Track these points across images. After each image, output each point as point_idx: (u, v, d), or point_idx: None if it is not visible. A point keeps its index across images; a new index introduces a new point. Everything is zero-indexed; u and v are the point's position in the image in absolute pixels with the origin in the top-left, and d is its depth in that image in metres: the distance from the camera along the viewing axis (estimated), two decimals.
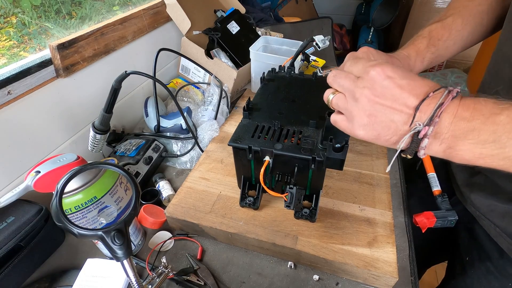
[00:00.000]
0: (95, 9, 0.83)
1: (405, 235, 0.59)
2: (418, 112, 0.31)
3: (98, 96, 0.76)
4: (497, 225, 0.52)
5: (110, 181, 0.49)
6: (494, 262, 0.54)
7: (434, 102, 0.30)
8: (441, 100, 0.30)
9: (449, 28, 0.52)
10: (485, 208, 0.54)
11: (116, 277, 0.49)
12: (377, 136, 0.34)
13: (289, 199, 0.53)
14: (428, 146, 0.32)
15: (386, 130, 0.33)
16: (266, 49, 1.00)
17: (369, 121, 0.34)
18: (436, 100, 0.30)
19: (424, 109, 0.31)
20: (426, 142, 0.31)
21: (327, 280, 0.52)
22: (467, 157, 0.31)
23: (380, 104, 0.32)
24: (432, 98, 0.31)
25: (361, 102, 0.34)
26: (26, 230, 0.52)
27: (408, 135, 0.32)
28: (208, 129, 0.78)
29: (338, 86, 0.37)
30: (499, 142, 0.28)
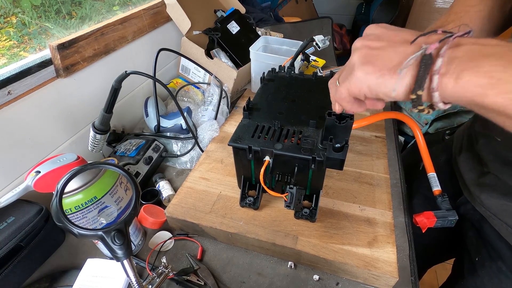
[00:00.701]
0: (95, 9, 0.83)
1: (405, 235, 0.59)
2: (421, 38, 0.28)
3: (98, 96, 0.76)
4: (509, 224, 0.52)
5: (110, 181, 0.49)
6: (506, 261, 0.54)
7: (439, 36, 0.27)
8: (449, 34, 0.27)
9: None
10: (496, 208, 0.54)
11: (116, 277, 0.49)
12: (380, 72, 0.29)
13: (289, 199, 0.53)
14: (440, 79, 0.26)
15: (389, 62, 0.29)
16: (266, 49, 1.00)
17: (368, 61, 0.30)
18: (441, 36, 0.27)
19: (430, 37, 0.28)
20: (439, 63, 0.26)
21: (327, 280, 0.52)
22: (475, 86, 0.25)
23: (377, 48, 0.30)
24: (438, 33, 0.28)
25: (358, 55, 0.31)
26: (26, 230, 0.52)
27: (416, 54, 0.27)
28: (208, 129, 0.78)
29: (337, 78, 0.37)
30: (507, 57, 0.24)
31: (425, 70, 0.26)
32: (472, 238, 0.61)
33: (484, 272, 0.58)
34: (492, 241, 0.56)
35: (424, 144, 0.56)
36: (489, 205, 0.55)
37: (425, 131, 1.41)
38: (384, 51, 0.30)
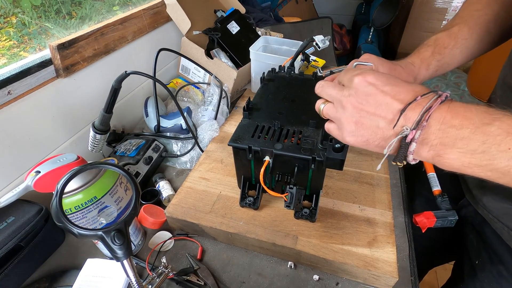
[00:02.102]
0: (95, 9, 0.83)
1: (405, 235, 0.59)
2: (403, 116, 0.31)
3: (98, 96, 0.76)
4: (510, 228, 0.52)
5: (110, 181, 0.49)
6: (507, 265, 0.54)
7: (421, 106, 0.30)
8: (429, 104, 0.30)
9: (455, 37, 0.52)
10: (498, 211, 0.54)
11: (116, 277, 0.49)
12: (366, 142, 0.35)
13: (289, 199, 0.53)
14: (416, 152, 0.32)
15: (374, 135, 0.34)
16: (266, 49, 1.00)
17: (356, 128, 0.34)
18: (423, 104, 0.30)
19: (410, 114, 0.30)
20: (414, 147, 0.31)
21: (327, 280, 0.52)
22: (455, 165, 0.30)
23: (365, 111, 0.33)
24: (418, 102, 0.30)
25: (348, 109, 0.34)
26: (26, 230, 0.52)
27: (395, 139, 0.32)
28: (208, 129, 0.78)
29: (326, 95, 0.38)
30: (489, 153, 0.28)
31: (404, 151, 0.32)
32: (473, 241, 0.61)
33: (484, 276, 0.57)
34: (493, 244, 0.56)
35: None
36: (491, 208, 0.55)
37: None
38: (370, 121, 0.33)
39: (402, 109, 0.31)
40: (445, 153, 0.30)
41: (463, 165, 0.30)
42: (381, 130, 0.33)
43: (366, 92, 0.33)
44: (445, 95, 0.30)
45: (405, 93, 0.31)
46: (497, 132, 0.27)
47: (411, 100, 0.30)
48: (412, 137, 0.30)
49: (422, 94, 0.31)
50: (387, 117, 0.32)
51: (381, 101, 0.32)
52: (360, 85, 0.33)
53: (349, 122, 0.35)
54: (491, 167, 0.28)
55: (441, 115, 0.29)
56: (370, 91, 0.33)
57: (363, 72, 0.34)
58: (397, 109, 0.31)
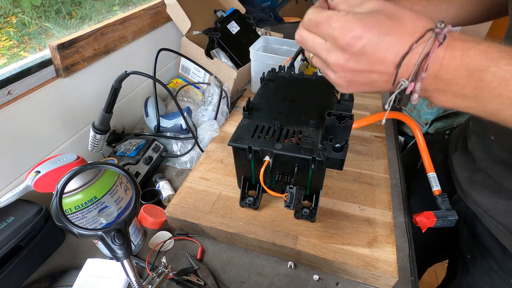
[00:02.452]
0: (95, 9, 0.83)
1: (405, 235, 0.59)
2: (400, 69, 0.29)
3: (98, 96, 0.76)
4: (499, 222, 0.52)
5: (110, 181, 0.49)
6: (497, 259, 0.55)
7: (418, 54, 0.28)
8: (426, 49, 0.27)
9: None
10: (487, 206, 0.54)
11: (116, 277, 0.49)
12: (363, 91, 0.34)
13: (289, 199, 0.53)
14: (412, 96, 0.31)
15: (369, 87, 0.33)
16: (266, 49, 1.00)
17: (349, 84, 0.33)
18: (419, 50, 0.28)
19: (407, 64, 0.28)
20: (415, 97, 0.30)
21: (327, 280, 0.52)
22: (446, 105, 0.31)
23: (357, 71, 0.31)
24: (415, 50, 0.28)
25: (337, 71, 0.32)
26: (26, 230, 0.52)
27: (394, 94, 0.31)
28: (208, 129, 0.78)
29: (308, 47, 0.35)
30: (480, 97, 0.28)
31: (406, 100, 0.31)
32: (465, 236, 0.62)
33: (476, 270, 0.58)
34: (484, 239, 0.57)
35: (424, 144, 0.56)
36: (481, 203, 0.55)
37: (425, 131, 1.41)
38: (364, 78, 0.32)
39: (398, 63, 0.28)
40: (438, 95, 0.30)
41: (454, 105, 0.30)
42: (377, 84, 0.32)
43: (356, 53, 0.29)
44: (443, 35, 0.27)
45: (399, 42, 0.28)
46: (491, 79, 0.26)
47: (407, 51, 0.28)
48: (412, 89, 0.29)
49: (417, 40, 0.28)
50: (382, 72, 0.30)
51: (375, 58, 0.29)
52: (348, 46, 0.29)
53: (341, 82, 0.34)
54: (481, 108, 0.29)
55: (438, 61, 0.28)
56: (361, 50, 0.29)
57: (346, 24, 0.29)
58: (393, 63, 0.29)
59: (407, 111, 1.57)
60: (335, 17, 0.30)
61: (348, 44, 0.29)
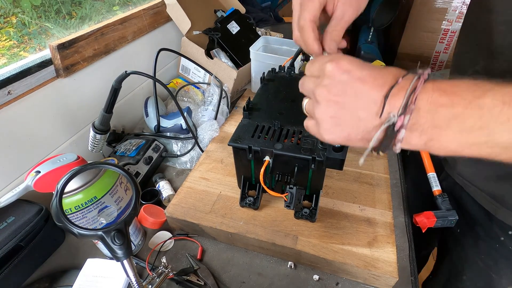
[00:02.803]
0: (95, 9, 0.83)
1: (405, 235, 0.59)
2: (388, 102, 0.27)
3: (98, 96, 0.76)
4: (481, 189, 0.55)
5: (110, 181, 0.49)
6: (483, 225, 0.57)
7: (405, 88, 0.27)
8: (413, 84, 0.26)
9: None
10: (470, 176, 0.57)
11: (116, 277, 0.49)
12: (347, 138, 0.31)
13: (289, 199, 0.53)
14: (405, 139, 0.28)
15: (356, 129, 0.30)
16: (266, 49, 1.00)
17: (333, 123, 0.31)
18: (406, 86, 0.27)
19: (394, 99, 0.27)
20: (403, 134, 0.27)
21: (327, 280, 0.52)
22: (451, 147, 0.27)
23: (341, 103, 0.29)
24: (401, 86, 0.27)
25: (321, 104, 0.31)
26: (26, 230, 0.52)
27: (381, 129, 0.28)
28: (208, 129, 0.78)
29: (304, 90, 0.34)
30: (487, 128, 0.25)
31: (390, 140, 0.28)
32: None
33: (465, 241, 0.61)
34: (470, 208, 0.59)
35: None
36: (465, 174, 0.58)
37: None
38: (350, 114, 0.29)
39: (385, 95, 0.27)
40: (440, 136, 0.27)
41: (461, 145, 0.27)
42: (364, 122, 0.29)
43: (341, 81, 0.29)
44: (427, 73, 0.27)
45: (385, 77, 0.28)
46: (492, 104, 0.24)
47: (393, 84, 0.27)
48: (401, 123, 0.27)
49: (402, 76, 0.27)
50: (369, 106, 0.28)
51: (360, 90, 0.28)
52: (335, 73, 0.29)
53: (325, 118, 0.31)
54: (492, 143, 0.25)
55: (427, 95, 0.26)
56: (346, 79, 0.29)
57: (335, 58, 0.30)
58: (379, 96, 0.27)
59: None
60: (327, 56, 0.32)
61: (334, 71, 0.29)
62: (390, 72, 0.28)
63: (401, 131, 0.27)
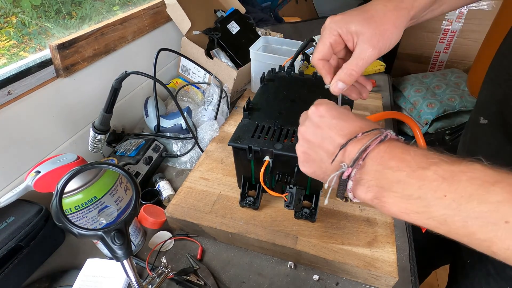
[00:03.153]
0: (95, 9, 0.83)
1: (405, 235, 0.59)
2: (342, 152, 0.31)
3: (98, 96, 0.76)
4: None
5: (110, 181, 0.49)
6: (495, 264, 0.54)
7: (361, 144, 0.29)
8: (368, 143, 0.29)
9: None
10: None
11: (116, 277, 0.49)
12: (314, 174, 0.35)
13: (289, 199, 0.53)
14: (355, 191, 0.31)
15: (318, 168, 0.34)
16: (266, 49, 1.00)
17: (304, 158, 0.35)
18: (363, 141, 0.29)
19: (350, 150, 0.30)
20: (350, 185, 0.30)
21: (327, 280, 0.52)
22: (393, 210, 0.28)
23: (312, 142, 0.34)
24: (359, 140, 0.30)
25: (300, 139, 0.35)
26: (26, 230, 0.52)
27: (334, 174, 0.31)
28: (208, 129, 0.78)
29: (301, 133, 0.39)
30: (425, 200, 0.26)
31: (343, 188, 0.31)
32: None
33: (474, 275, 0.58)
34: None
35: (424, 144, 0.56)
36: None
37: (425, 131, 1.41)
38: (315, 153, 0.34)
39: (342, 144, 0.30)
40: (383, 196, 0.28)
41: (400, 211, 0.28)
42: (324, 164, 0.33)
43: (315, 124, 0.33)
44: (385, 134, 0.29)
45: (350, 129, 0.31)
46: (433, 178, 0.25)
47: (352, 137, 0.30)
48: (348, 174, 0.29)
49: (364, 131, 0.30)
50: (329, 151, 0.32)
51: (326, 135, 0.32)
52: (312, 115, 0.34)
53: (300, 153, 0.35)
54: (428, 215, 0.26)
55: (378, 155, 0.29)
56: (319, 123, 0.33)
57: (318, 102, 0.35)
58: (338, 143, 0.31)
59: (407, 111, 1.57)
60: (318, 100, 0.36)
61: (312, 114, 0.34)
62: (358, 125, 0.31)
63: (349, 182, 0.30)
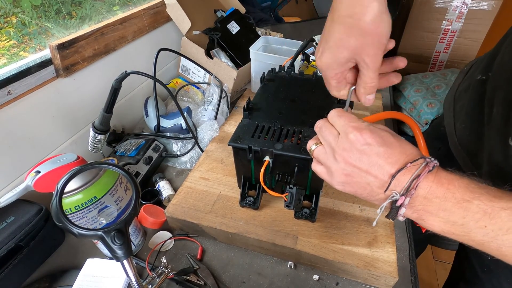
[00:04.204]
0: (95, 9, 0.83)
1: (405, 235, 0.59)
2: (394, 181, 0.32)
3: (98, 96, 0.76)
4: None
5: (110, 181, 0.49)
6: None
7: (411, 173, 0.32)
8: (418, 171, 0.31)
9: None
10: None
11: (116, 277, 0.49)
12: (355, 193, 0.36)
13: (289, 199, 0.53)
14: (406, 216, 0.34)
15: (362, 190, 0.35)
16: (266, 49, 1.00)
17: (346, 180, 0.36)
18: (412, 171, 0.32)
19: (400, 179, 0.32)
20: (403, 211, 0.33)
21: (327, 280, 0.52)
22: (435, 229, 0.33)
23: (358, 168, 0.34)
24: (409, 169, 0.32)
25: (340, 162, 0.35)
26: (26, 230, 0.52)
27: (386, 202, 0.34)
28: (208, 129, 0.78)
29: (322, 138, 0.38)
30: (467, 227, 0.30)
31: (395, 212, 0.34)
32: None
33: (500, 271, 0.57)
34: None
35: (424, 144, 0.56)
36: None
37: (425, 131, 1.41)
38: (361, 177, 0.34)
39: (393, 175, 0.32)
40: (428, 219, 0.32)
41: (442, 231, 0.32)
42: (370, 187, 0.34)
43: (361, 151, 0.34)
44: (432, 164, 0.32)
45: (397, 156, 0.33)
46: (476, 210, 0.29)
47: (402, 167, 0.32)
48: (402, 202, 0.32)
49: (412, 161, 0.32)
50: (378, 177, 0.33)
51: (375, 162, 0.33)
52: (356, 142, 0.34)
53: (340, 174, 0.36)
54: (468, 238, 0.31)
55: (427, 184, 0.31)
56: (365, 150, 0.34)
57: (360, 129, 0.34)
58: (388, 172, 0.33)
59: (407, 111, 1.57)
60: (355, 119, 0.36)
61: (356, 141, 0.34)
62: (404, 152, 0.33)
63: (402, 209, 0.33)
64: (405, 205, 0.32)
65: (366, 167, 0.34)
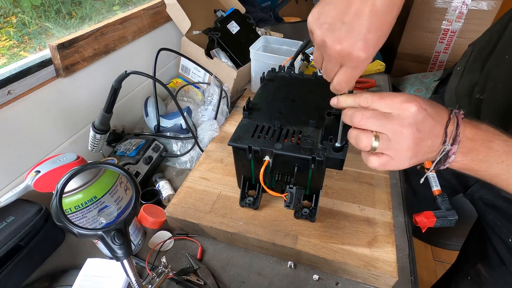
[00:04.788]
0: (95, 9, 0.83)
1: (405, 235, 0.59)
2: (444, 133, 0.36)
3: (98, 96, 0.76)
4: None
5: (110, 181, 0.49)
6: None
7: (453, 124, 0.36)
8: (457, 121, 0.36)
9: None
10: None
11: (116, 277, 0.49)
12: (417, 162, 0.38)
13: (289, 199, 0.53)
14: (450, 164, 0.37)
15: (425, 154, 0.37)
16: (266, 49, 1.00)
17: (413, 154, 0.36)
18: (453, 121, 0.36)
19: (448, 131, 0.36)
20: (452, 158, 0.36)
21: (327, 280, 0.52)
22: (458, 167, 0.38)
23: (422, 136, 0.35)
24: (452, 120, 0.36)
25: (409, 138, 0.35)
26: (26, 230, 0.52)
27: (440, 155, 0.36)
28: (208, 129, 0.78)
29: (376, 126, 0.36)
30: (489, 162, 0.36)
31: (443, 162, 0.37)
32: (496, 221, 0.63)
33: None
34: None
35: None
36: None
37: None
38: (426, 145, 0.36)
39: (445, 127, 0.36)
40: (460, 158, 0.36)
41: (465, 168, 0.37)
42: (430, 148, 0.37)
43: (423, 118, 0.35)
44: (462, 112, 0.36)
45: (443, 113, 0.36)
46: (497, 148, 0.35)
47: (447, 119, 0.36)
48: (454, 151, 0.36)
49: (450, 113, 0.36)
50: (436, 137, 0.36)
51: (433, 125, 0.36)
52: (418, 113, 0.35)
53: (409, 150, 0.35)
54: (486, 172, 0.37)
55: (463, 129, 0.36)
56: (425, 116, 0.35)
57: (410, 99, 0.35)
58: (442, 129, 0.36)
59: None
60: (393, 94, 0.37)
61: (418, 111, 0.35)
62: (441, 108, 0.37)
63: (451, 156, 0.36)
64: (455, 152, 0.36)
65: (429, 132, 0.36)
